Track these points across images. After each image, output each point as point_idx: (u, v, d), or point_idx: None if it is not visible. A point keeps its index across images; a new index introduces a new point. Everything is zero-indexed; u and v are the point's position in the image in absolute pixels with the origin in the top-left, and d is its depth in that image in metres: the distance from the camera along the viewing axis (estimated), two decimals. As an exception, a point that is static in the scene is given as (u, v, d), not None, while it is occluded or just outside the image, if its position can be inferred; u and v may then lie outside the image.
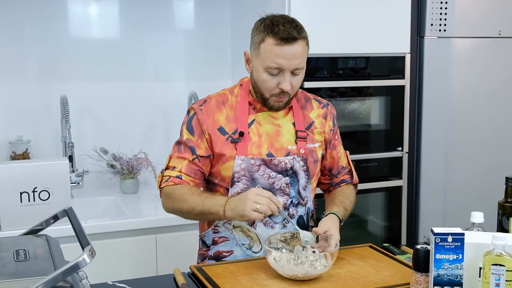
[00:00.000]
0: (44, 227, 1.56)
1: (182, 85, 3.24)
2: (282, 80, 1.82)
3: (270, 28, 1.80)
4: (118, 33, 3.17)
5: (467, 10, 3.07)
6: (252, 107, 1.94)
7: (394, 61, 3.02)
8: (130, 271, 2.52)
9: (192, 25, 3.30)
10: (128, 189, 3.05)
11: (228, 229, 1.94)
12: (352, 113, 2.98)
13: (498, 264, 1.47)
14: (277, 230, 1.91)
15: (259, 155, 1.89)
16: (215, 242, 1.97)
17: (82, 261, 1.19)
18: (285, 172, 1.91)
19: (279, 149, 1.92)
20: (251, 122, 1.92)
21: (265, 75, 1.83)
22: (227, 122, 1.91)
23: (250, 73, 1.91)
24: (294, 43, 1.79)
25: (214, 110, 1.92)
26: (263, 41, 1.81)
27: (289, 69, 1.81)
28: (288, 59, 1.79)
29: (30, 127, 3.04)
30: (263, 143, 1.91)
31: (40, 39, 3.01)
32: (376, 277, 1.71)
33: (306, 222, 2.00)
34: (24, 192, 2.40)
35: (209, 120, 1.91)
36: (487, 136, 3.21)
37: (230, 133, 1.90)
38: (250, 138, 1.90)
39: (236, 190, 1.89)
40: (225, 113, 1.92)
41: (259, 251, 1.93)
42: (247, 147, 1.89)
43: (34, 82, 3.03)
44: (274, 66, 1.80)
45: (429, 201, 3.15)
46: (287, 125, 1.95)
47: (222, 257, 1.95)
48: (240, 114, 1.92)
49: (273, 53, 1.79)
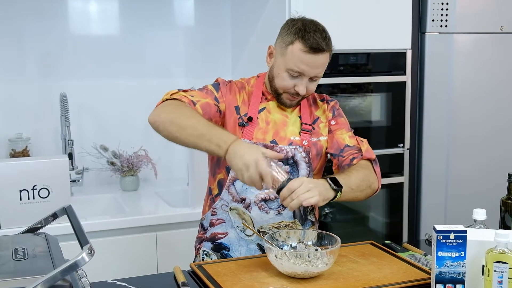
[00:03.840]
0: (43, 225, 1.55)
1: (182, 82, 3.23)
2: (300, 83, 1.88)
3: (302, 33, 1.84)
4: (118, 30, 3.16)
5: (469, 6, 3.06)
6: (265, 97, 2.00)
7: (396, 57, 3.00)
8: (130, 269, 2.51)
9: (192, 22, 3.28)
10: (128, 186, 3.04)
11: (225, 211, 1.98)
12: (353, 109, 2.96)
13: (501, 261, 1.46)
14: (272, 216, 1.94)
15: (263, 141, 1.93)
16: (212, 224, 2.01)
17: (81, 260, 1.18)
18: (286, 160, 1.94)
19: (283, 138, 1.96)
20: (261, 109, 1.98)
21: (285, 74, 1.89)
22: (242, 105, 1.97)
23: (270, 67, 1.96)
24: (321, 54, 1.85)
25: (236, 91, 1.98)
26: (292, 43, 1.85)
27: (309, 76, 1.87)
28: (311, 67, 1.85)
29: (30, 125, 3.03)
30: (270, 130, 1.96)
31: (40, 37, 3.00)
32: (378, 275, 1.70)
33: (304, 214, 2.01)
34: (24, 190, 2.39)
35: (230, 96, 1.96)
36: (489, 132, 3.19)
37: (242, 115, 1.95)
38: (258, 123, 1.95)
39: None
40: (242, 97, 1.98)
41: (252, 235, 1.95)
42: (253, 132, 1.93)
43: (34, 79, 3.02)
44: (296, 70, 1.86)
45: (431, 198, 3.14)
46: (294, 117, 2.00)
47: (217, 239, 1.99)
48: (252, 101, 1.97)
49: (298, 58, 1.84)
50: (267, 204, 1.94)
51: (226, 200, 1.97)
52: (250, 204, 1.94)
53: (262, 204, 1.94)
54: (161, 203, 2.85)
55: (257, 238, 1.95)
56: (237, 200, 1.95)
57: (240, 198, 1.94)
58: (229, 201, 1.97)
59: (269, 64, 1.97)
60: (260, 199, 1.93)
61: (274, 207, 1.95)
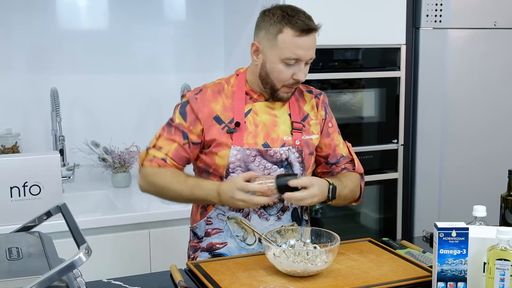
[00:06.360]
0: (37, 223, 1.52)
1: (174, 77, 3.19)
2: (298, 70, 1.84)
3: (287, 19, 1.80)
4: (108, 24, 3.11)
5: (463, 1, 3.05)
6: (249, 97, 1.93)
7: (389, 52, 2.99)
8: (123, 267, 2.48)
9: (183, 16, 3.24)
10: (120, 183, 3.00)
11: (222, 220, 1.92)
12: (345, 105, 2.95)
13: (503, 259, 1.45)
14: (272, 222, 1.90)
15: (255, 145, 1.88)
16: (208, 234, 1.94)
17: (78, 260, 1.15)
18: (280, 163, 1.90)
19: (275, 140, 1.90)
20: (247, 111, 1.91)
21: (281, 66, 1.83)
22: (223, 111, 1.89)
23: (259, 65, 1.87)
24: (311, 34, 1.82)
25: (210, 99, 1.90)
26: (281, 32, 1.80)
27: (305, 60, 1.83)
28: (307, 49, 1.82)
29: (20, 120, 2.98)
30: (260, 132, 1.90)
31: (28, 31, 2.94)
32: (377, 273, 1.68)
33: (300, 215, 1.98)
34: (15, 187, 2.35)
35: (204, 109, 1.89)
36: (483, 128, 3.19)
37: (226, 122, 1.88)
38: (247, 127, 1.89)
39: None
40: (221, 102, 1.91)
41: (253, 243, 1.91)
42: (243, 138, 1.87)
43: (23, 74, 2.97)
44: (293, 57, 1.81)
45: (425, 194, 3.13)
46: (283, 116, 1.94)
47: (216, 249, 1.93)
48: (236, 104, 1.90)
49: (293, 44, 1.80)
50: (267, 210, 1.90)
51: (222, 209, 1.91)
52: (249, 213, 1.89)
53: (262, 212, 1.90)
54: (153, 200, 2.78)
55: (259, 247, 1.90)
56: (235, 209, 1.89)
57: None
58: (225, 210, 1.91)
59: (258, 62, 1.88)
60: (259, 207, 1.88)
61: (273, 213, 1.91)
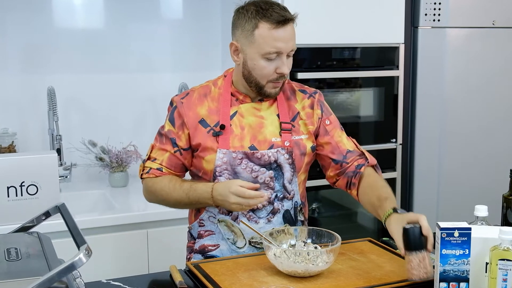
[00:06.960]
0: (35, 224, 1.50)
1: (171, 76, 3.18)
2: (281, 64, 1.81)
3: (261, 13, 1.78)
4: (104, 23, 3.09)
5: (461, 0, 3.05)
6: (235, 98, 1.91)
7: (388, 51, 2.99)
8: (120, 267, 2.47)
9: (180, 15, 3.22)
10: (117, 182, 2.98)
11: (214, 223, 1.91)
12: (343, 104, 2.94)
13: (505, 259, 1.44)
14: (262, 225, 1.87)
15: (241, 148, 1.85)
16: (200, 236, 1.94)
17: (78, 261, 1.14)
18: (269, 165, 1.87)
19: (262, 142, 1.87)
20: (233, 114, 1.89)
21: (263, 61, 1.80)
22: (208, 115, 1.88)
23: (241, 64, 1.85)
24: (288, 25, 1.79)
25: (196, 103, 1.89)
26: (257, 27, 1.78)
27: (286, 52, 1.80)
28: (286, 41, 1.78)
29: (16, 120, 2.96)
30: (246, 135, 1.87)
31: (24, 29, 2.92)
32: (379, 273, 1.67)
33: (294, 217, 1.94)
34: (12, 187, 2.33)
35: (190, 113, 1.88)
36: (482, 127, 3.19)
37: (212, 126, 1.87)
38: (232, 130, 1.87)
39: None
40: (207, 106, 1.89)
41: (243, 247, 1.89)
42: (228, 140, 1.85)
43: (19, 73, 2.94)
44: (273, 51, 1.78)
45: (423, 193, 3.13)
46: (271, 117, 1.91)
47: (208, 251, 1.92)
48: (222, 106, 1.89)
49: (270, 37, 1.77)
50: (256, 213, 1.87)
51: (212, 211, 1.90)
52: (238, 216, 1.87)
53: (251, 215, 1.87)
54: (151, 200, 2.79)
55: (249, 249, 1.88)
56: (224, 212, 1.88)
57: (227, 210, 1.86)
58: (216, 213, 1.89)
59: (238, 61, 1.85)
60: (247, 210, 1.85)
61: (263, 216, 1.88)
